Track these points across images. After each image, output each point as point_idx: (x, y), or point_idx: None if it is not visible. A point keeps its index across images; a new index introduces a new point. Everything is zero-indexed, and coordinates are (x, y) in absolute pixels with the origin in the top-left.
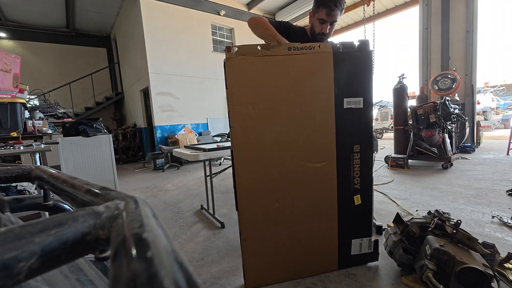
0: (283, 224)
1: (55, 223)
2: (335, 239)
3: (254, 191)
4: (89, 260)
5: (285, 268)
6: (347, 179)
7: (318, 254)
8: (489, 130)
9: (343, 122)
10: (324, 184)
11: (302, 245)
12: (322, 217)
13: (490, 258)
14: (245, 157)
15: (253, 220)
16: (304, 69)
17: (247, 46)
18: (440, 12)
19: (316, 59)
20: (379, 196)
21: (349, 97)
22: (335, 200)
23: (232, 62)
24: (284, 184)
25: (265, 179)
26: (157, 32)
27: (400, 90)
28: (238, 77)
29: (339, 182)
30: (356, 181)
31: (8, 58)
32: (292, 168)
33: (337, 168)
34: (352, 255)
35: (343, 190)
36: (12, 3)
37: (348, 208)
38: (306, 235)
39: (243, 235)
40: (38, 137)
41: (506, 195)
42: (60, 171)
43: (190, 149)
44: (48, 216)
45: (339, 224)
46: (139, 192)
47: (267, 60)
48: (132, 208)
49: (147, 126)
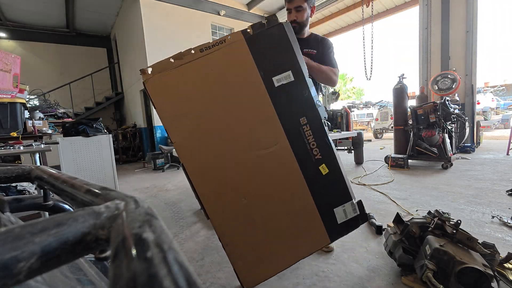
0: (258, 218)
1: (55, 223)
2: (317, 215)
3: (218, 196)
4: (89, 260)
5: (276, 259)
6: (306, 153)
7: (305, 234)
8: (489, 130)
9: (280, 100)
10: (285, 166)
11: (285, 232)
12: (295, 198)
13: (490, 258)
14: (196, 166)
15: (227, 223)
16: (223, 64)
17: (160, 62)
18: (440, 12)
19: (231, 51)
20: (379, 196)
21: (277, 74)
22: (301, 178)
23: (151, 82)
24: (245, 180)
25: (224, 182)
26: (157, 32)
27: (400, 90)
28: (162, 95)
29: (299, 158)
30: (315, 152)
31: (8, 58)
32: (246, 161)
33: (291, 147)
34: (340, 224)
35: (305, 165)
36: (12, 3)
37: (317, 179)
38: (285, 221)
39: (223, 240)
40: (38, 137)
41: (506, 195)
42: (60, 171)
43: None
44: (48, 216)
45: (315, 198)
46: (139, 192)
47: (185, 68)
48: (132, 208)
49: (147, 126)
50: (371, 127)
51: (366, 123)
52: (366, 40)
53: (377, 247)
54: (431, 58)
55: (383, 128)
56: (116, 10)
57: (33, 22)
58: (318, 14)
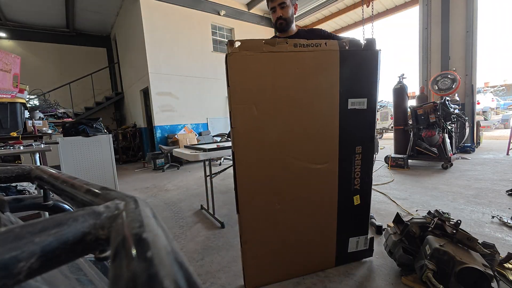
0: (283, 226)
1: (55, 223)
2: (334, 238)
3: (255, 193)
4: (89, 260)
5: (285, 267)
6: (348, 180)
7: (317, 252)
8: (489, 130)
9: (346, 123)
10: (326, 185)
11: (301, 245)
12: (322, 217)
13: (490, 258)
14: (246, 158)
15: (253, 222)
16: (310, 67)
17: (251, 40)
18: (440, 12)
19: (322, 56)
20: (379, 196)
21: (353, 97)
22: (335, 200)
23: (234, 57)
24: (286, 186)
25: (266, 181)
26: (157, 32)
27: (400, 90)
28: (240, 75)
29: (340, 183)
30: (356, 182)
31: (8, 58)
32: (294, 169)
33: (338, 170)
34: (348, 252)
35: (343, 191)
36: (12, 3)
37: (347, 207)
38: (306, 234)
39: (243, 237)
40: (38, 137)
41: (506, 195)
42: (60, 171)
43: (190, 149)
44: (48, 216)
45: (338, 223)
46: (139, 192)
47: (272, 56)
48: (132, 208)
49: (147, 126)
50: None
51: None
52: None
53: (377, 247)
54: (431, 58)
55: (383, 128)
56: (116, 10)
57: (33, 22)
58: (318, 14)
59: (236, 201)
